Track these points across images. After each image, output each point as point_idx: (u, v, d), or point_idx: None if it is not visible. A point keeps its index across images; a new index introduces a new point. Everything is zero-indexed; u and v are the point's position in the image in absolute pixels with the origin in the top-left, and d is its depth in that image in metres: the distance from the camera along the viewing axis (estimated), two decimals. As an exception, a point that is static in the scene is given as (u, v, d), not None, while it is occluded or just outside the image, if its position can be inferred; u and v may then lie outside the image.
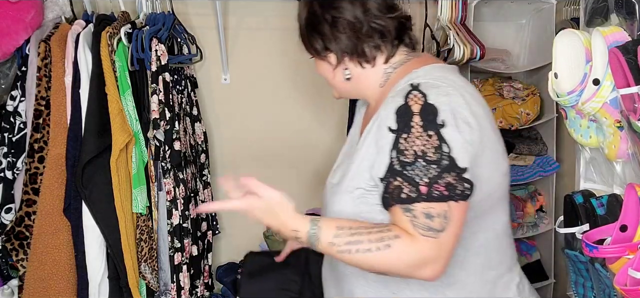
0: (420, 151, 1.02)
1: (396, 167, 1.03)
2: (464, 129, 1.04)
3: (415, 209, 1.01)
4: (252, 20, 2.42)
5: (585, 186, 1.47)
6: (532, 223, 2.54)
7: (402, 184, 1.02)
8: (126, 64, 1.86)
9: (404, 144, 1.03)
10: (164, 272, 1.95)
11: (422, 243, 1.00)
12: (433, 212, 1.00)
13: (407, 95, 1.07)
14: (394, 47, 1.20)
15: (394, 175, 1.03)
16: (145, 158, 1.89)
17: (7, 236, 1.83)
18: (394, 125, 1.05)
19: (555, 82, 1.35)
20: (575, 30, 1.34)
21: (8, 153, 1.88)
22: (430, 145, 1.01)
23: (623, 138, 1.24)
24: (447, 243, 1.02)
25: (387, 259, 1.01)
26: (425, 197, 1.00)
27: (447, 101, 1.05)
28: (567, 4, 2.41)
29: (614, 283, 1.16)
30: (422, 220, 1.00)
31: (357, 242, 1.02)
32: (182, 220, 1.90)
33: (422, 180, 1.01)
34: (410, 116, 1.04)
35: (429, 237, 1.00)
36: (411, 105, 1.05)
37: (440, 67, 1.18)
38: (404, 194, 1.02)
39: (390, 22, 1.18)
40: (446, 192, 1.00)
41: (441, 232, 1.00)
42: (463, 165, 1.02)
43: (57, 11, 1.98)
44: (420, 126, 1.03)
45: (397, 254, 1.01)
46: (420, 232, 1.00)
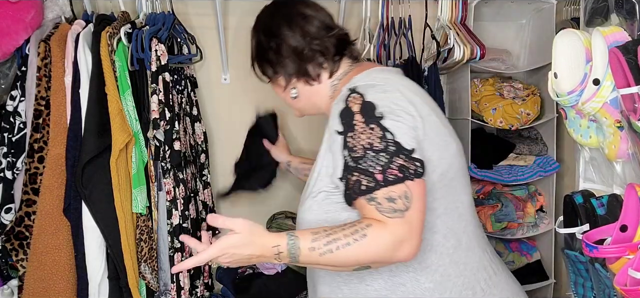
0: (367, 144, 1.10)
1: (350, 164, 1.12)
2: (403, 117, 1.14)
3: (377, 197, 1.08)
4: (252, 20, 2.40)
5: (585, 186, 1.47)
6: (532, 223, 2.54)
7: (359, 178, 1.10)
8: (126, 64, 1.86)
9: (352, 142, 1.12)
10: (164, 272, 1.95)
11: (393, 225, 1.07)
12: (394, 194, 1.08)
13: (347, 98, 1.17)
14: (336, 63, 1.33)
15: (350, 171, 1.12)
16: (145, 158, 1.89)
17: (7, 236, 1.83)
18: (340, 128, 1.15)
19: (555, 82, 1.35)
20: (575, 30, 1.34)
21: (8, 154, 1.88)
22: (375, 136, 1.10)
23: (623, 138, 1.24)
24: (415, 220, 1.09)
25: (367, 248, 1.07)
26: (383, 183, 1.08)
27: (384, 97, 1.16)
28: (567, 4, 2.41)
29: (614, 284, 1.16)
30: (386, 205, 1.08)
31: (335, 240, 1.08)
32: (182, 220, 1.90)
33: (376, 169, 1.09)
34: (352, 116, 1.14)
35: (396, 218, 1.07)
36: (351, 106, 1.15)
37: (379, 70, 1.30)
38: (363, 186, 1.09)
39: (329, 41, 1.32)
40: (400, 174, 1.09)
41: (406, 211, 1.08)
42: (409, 146, 1.11)
43: (57, 11, 1.98)
44: (362, 122, 1.12)
45: (374, 240, 1.07)
46: (388, 216, 1.07)
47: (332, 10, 2.40)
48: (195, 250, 1.14)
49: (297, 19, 1.32)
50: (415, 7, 2.28)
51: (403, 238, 1.07)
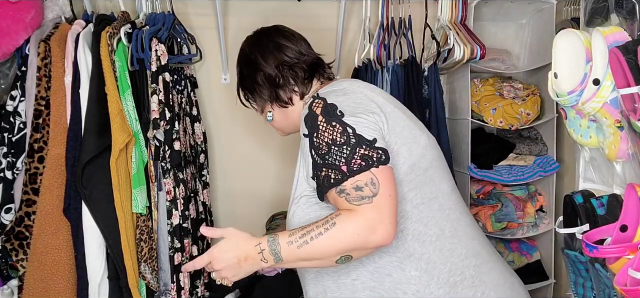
0: (330, 140, 1.18)
1: (318, 161, 1.19)
2: (362, 114, 1.21)
3: (346, 187, 1.15)
4: (252, 20, 2.41)
5: (585, 186, 1.47)
6: (532, 223, 2.54)
7: (327, 172, 1.17)
8: (126, 64, 1.86)
9: (317, 141, 1.19)
10: (164, 272, 1.95)
11: (361, 211, 1.13)
12: (361, 183, 1.14)
13: (311, 104, 1.25)
14: (306, 85, 1.45)
15: (319, 168, 1.19)
16: (145, 158, 1.89)
17: (7, 236, 1.83)
18: (306, 131, 1.23)
19: (555, 82, 1.35)
20: (575, 30, 1.34)
21: (8, 154, 1.88)
22: (337, 132, 1.18)
23: (623, 138, 1.24)
24: (384, 204, 1.13)
25: (338, 234, 1.13)
26: (348, 174, 1.15)
27: (344, 98, 1.24)
28: (567, 4, 2.41)
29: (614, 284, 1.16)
30: (354, 194, 1.14)
31: (309, 232, 1.16)
32: (182, 220, 1.90)
33: (341, 161, 1.16)
34: (316, 117, 1.21)
35: (365, 204, 1.13)
36: (315, 109, 1.23)
37: (343, 80, 1.39)
38: (332, 179, 1.16)
39: (299, 66, 1.44)
40: (363, 162, 1.15)
41: (374, 197, 1.13)
42: (370, 137, 1.18)
43: (57, 11, 1.98)
44: (324, 122, 1.20)
45: (344, 227, 1.13)
46: (356, 204, 1.13)
47: (332, 10, 2.43)
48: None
49: (271, 48, 1.45)
50: (415, 7, 2.28)
51: (374, 222, 1.12)
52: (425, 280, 1.22)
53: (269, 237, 1.20)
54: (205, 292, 2.19)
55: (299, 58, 1.45)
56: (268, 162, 2.51)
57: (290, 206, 1.32)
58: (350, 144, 1.16)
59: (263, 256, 1.19)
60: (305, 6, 2.40)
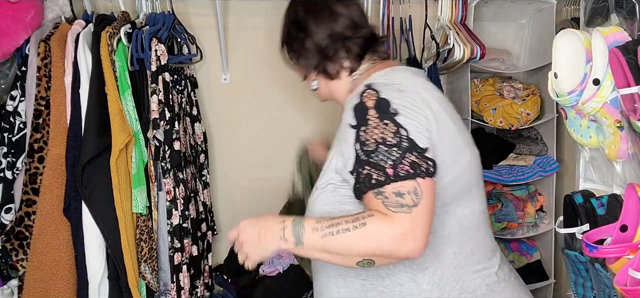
0: (380, 138, 1.09)
1: (362, 157, 1.11)
2: (417, 117, 1.12)
3: (386, 191, 1.07)
4: (252, 20, 2.42)
5: (585, 186, 1.46)
6: (532, 223, 2.54)
7: (370, 171, 1.09)
8: (126, 64, 1.86)
9: (364, 135, 1.11)
10: (164, 272, 1.95)
11: (396, 219, 1.06)
12: (403, 190, 1.07)
13: (362, 94, 1.16)
14: (358, 61, 1.33)
15: (362, 165, 1.11)
16: (145, 158, 1.89)
17: (7, 236, 1.83)
18: (353, 122, 1.14)
19: (555, 82, 1.35)
20: (575, 30, 1.34)
21: (8, 154, 1.88)
22: (388, 131, 1.09)
23: (623, 138, 1.24)
24: (422, 216, 1.07)
25: (366, 236, 1.07)
26: (393, 178, 1.07)
27: (399, 95, 1.15)
28: (567, 4, 2.41)
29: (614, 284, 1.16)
30: (393, 199, 1.07)
31: (337, 224, 1.09)
32: (182, 220, 1.90)
33: (387, 164, 1.08)
34: (366, 111, 1.13)
35: (402, 213, 1.06)
36: (366, 101, 1.14)
37: (399, 69, 1.29)
38: (373, 180, 1.08)
39: (354, 42, 1.32)
40: (411, 169, 1.07)
41: (414, 207, 1.06)
42: (423, 145, 1.10)
43: (57, 11, 1.98)
44: (376, 117, 1.11)
45: (374, 230, 1.07)
46: (393, 210, 1.06)
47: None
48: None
49: (325, 15, 1.32)
50: (415, 7, 2.28)
51: (406, 233, 1.05)
52: (436, 295, 1.19)
53: (295, 218, 1.14)
54: (205, 292, 2.19)
55: (353, 30, 1.32)
56: (268, 161, 2.51)
57: (313, 190, 1.26)
58: (401, 147, 1.08)
59: (284, 234, 1.13)
60: (305, 6, 2.39)
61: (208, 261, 2.26)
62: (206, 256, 2.24)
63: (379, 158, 1.09)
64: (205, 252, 2.22)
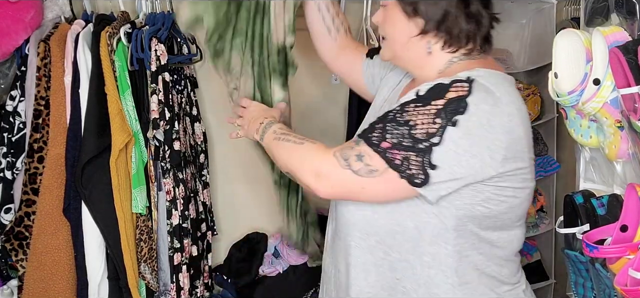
0: (414, 123, 1.05)
1: (388, 117, 1.09)
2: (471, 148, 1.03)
3: (358, 147, 1.10)
4: (252, 20, 2.41)
5: (585, 186, 1.46)
6: (533, 223, 2.54)
7: (376, 129, 1.09)
8: (126, 64, 1.85)
9: (411, 109, 1.06)
10: (164, 272, 1.95)
11: (328, 159, 1.13)
12: (366, 159, 1.08)
13: (457, 81, 1.06)
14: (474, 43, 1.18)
15: (380, 121, 1.10)
16: (145, 158, 1.88)
17: (7, 236, 1.83)
18: (422, 93, 1.08)
19: (556, 82, 1.35)
20: (575, 30, 1.34)
21: (7, 154, 1.88)
22: (426, 127, 1.04)
23: (623, 138, 1.24)
24: (350, 181, 1.10)
25: (296, 152, 1.20)
26: (378, 151, 1.07)
27: (488, 110, 1.05)
28: (568, 4, 2.41)
29: (614, 284, 1.16)
30: (349, 154, 1.10)
31: (288, 135, 1.26)
32: (181, 220, 1.90)
33: (391, 140, 1.06)
34: (439, 97, 1.05)
35: (340, 162, 1.11)
36: (451, 90, 1.05)
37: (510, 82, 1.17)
38: (369, 135, 1.09)
39: (486, 18, 1.18)
40: (397, 162, 1.05)
41: (354, 172, 1.09)
42: (436, 162, 1.03)
43: (57, 11, 1.97)
44: (436, 110, 1.04)
45: (303, 151, 1.19)
46: (336, 154, 1.12)
47: (332, 10, 2.42)
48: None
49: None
50: (415, 7, 2.28)
51: (323, 174, 1.14)
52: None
53: (271, 120, 1.34)
54: (204, 292, 2.19)
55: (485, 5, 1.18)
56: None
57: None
58: (416, 145, 1.04)
59: (258, 128, 1.34)
60: (305, 6, 2.39)
61: (208, 261, 2.25)
62: (206, 256, 2.24)
63: (392, 130, 1.06)
64: (205, 252, 2.22)
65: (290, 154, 1.22)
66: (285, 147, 1.24)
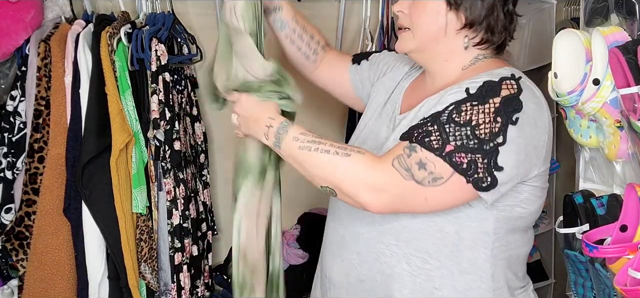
0: (476, 122, 0.99)
1: (442, 118, 1.02)
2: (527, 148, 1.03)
3: (417, 154, 1.00)
4: (252, 20, 2.41)
5: (585, 186, 1.46)
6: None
7: (433, 132, 1.01)
8: (126, 64, 1.86)
9: (467, 109, 1.01)
10: (164, 272, 1.95)
11: (386, 171, 1.01)
12: (429, 166, 0.99)
13: (505, 79, 1.05)
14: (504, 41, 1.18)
15: (434, 122, 1.02)
16: (145, 158, 1.89)
17: (7, 236, 1.83)
18: (473, 91, 1.04)
19: (555, 82, 1.35)
20: (575, 30, 1.34)
21: (8, 154, 1.88)
22: (489, 127, 0.99)
23: (623, 138, 1.24)
24: (413, 193, 1.01)
25: (341, 165, 1.03)
26: (442, 155, 0.99)
27: (534, 109, 1.05)
28: (567, 4, 2.41)
29: (614, 284, 1.16)
30: (409, 162, 1.00)
31: (320, 143, 1.05)
32: (182, 220, 1.90)
33: (454, 142, 0.99)
34: (494, 95, 1.02)
35: (400, 173, 1.00)
36: (503, 88, 1.03)
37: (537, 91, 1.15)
38: (428, 139, 1.00)
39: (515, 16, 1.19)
40: (464, 166, 0.99)
41: (416, 182, 1.00)
42: (502, 164, 1.00)
43: (57, 11, 1.98)
44: (495, 107, 1.01)
45: (352, 164, 1.02)
46: (395, 166, 1.00)
47: (332, 10, 2.42)
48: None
49: None
50: (415, 7, 2.28)
51: (383, 189, 1.01)
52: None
53: (284, 122, 1.12)
54: (205, 292, 2.19)
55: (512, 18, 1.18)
56: (268, 162, 2.51)
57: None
58: (483, 145, 0.99)
59: (267, 132, 1.12)
60: (305, 6, 2.38)
61: (208, 261, 2.26)
62: (206, 256, 2.24)
63: (453, 131, 1.00)
64: (205, 252, 2.22)
65: (333, 168, 1.04)
66: (322, 160, 1.05)
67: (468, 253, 1.12)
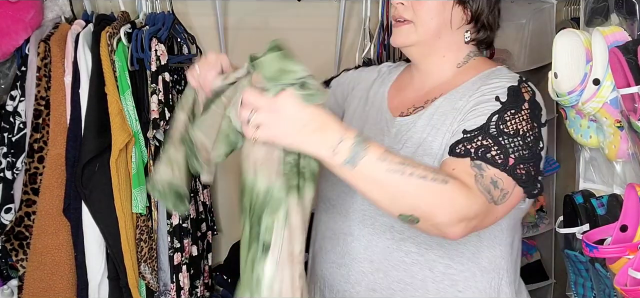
0: (522, 131, 1.02)
1: (491, 131, 1.01)
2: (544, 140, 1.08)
3: (487, 171, 0.97)
4: (252, 20, 2.42)
5: (585, 186, 1.46)
6: (532, 223, 2.54)
7: (491, 146, 1.00)
8: (126, 64, 1.86)
9: (510, 118, 1.03)
10: (164, 272, 1.95)
11: (477, 198, 0.95)
12: (500, 183, 0.98)
13: (521, 82, 1.08)
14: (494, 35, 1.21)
15: (486, 136, 1.01)
16: (145, 158, 1.89)
17: (7, 236, 1.83)
18: (504, 98, 1.05)
19: (555, 82, 1.35)
20: (575, 30, 1.34)
21: (8, 154, 1.88)
22: (532, 134, 1.03)
23: (623, 138, 1.24)
24: (492, 215, 0.99)
25: (440, 193, 0.91)
26: (507, 170, 0.98)
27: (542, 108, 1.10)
28: (567, 4, 2.41)
29: (614, 284, 1.16)
30: (486, 183, 0.97)
31: (412, 166, 0.91)
32: (181, 220, 1.90)
33: (514, 155, 1.00)
34: (523, 101, 1.05)
35: (486, 198, 0.96)
36: (523, 92, 1.07)
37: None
38: (489, 155, 0.99)
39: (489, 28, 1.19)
40: (524, 177, 1.00)
41: (495, 203, 0.97)
42: (542, 167, 1.06)
43: (57, 11, 1.98)
44: (528, 112, 1.04)
45: (452, 193, 0.92)
46: (479, 188, 0.96)
47: (332, 10, 2.42)
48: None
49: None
50: (415, 7, 2.28)
51: (472, 217, 0.94)
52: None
53: (359, 134, 0.89)
54: (204, 292, 2.19)
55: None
56: (268, 162, 2.51)
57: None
58: (533, 154, 1.02)
59: (338, 146, 0.87)
60: (305, 6, 2.39)
61: (208, 261, 2.26)
62: (206, 256, 2.24)
63: (509, 144, 1.00)
64: (205, 252, 2.22)
65: (431, 197, 0.92)
66: (416, 186, 0.90)
67: (487, 253, 1.12)
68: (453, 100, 1.11)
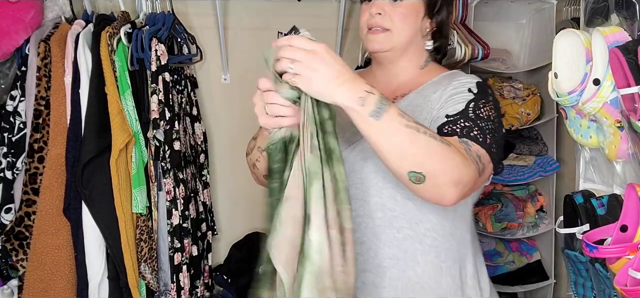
0: (492, 117, 1.16)
1: (470, 115, 1.14)
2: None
3: (473, 147, 1.09)
4: (252, 20, 2.42)
5: (585, 186, 1.46)
6: (533, 223, 2.54)
7: (472, 127, 1.12)
8: (126, 64, 1.86)
9: (483, 106, 1.16)
10: (164, 272, 1.95)
11: (471, 165, 1.06)
12: (483, 158, 1.10)
13: (484, 80, 1.25)
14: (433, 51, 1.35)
15: (466, 119, 1.13)
16: (145, 158, 1.89)
17: (7, 236, 1.83)
18: (475, 90, 1.19)
19: (556, 82, 1.35)
20: (575, 30, 1.33)
21: (8, 154, 1.88)
22: (498, 121, 1.18)
23: (623, 138, 1.24)
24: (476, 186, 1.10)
25: (446, 154, 1.01)
26: (485, 146, 1.11)
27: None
28: (567, 4, 2.41)
29: (614, 284, 1.16)
30: (474, 156, 1.08)
31: (424, 126, 1.01)
32: (182, 220, 1.90)
33: (488, 135, 1.13)
34: (489, 94, 1.20)
35: (477, 167, 1.08)
36: (487, 87, 1.22)
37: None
38: (472, 133, 1.11)
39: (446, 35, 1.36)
40: (495, 156, 1.14)
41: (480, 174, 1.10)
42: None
43: (57, 11, 1.98)
44: (493, 104, 1.19)
45: (454, 155, 1.02)
46: (471, 158, 1.07)
47: (332, 10, 2.42)
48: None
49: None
50: (415, 7, 2.28)
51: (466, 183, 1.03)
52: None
53: (383, 98, 0.98)
54: (205, 292, 2.19)
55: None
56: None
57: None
58: (500, 136, 1.17)
59: (365, 99, 0.96)
60: (305, 6, 2.39)
61: (208, 261, 2.26)
62: (206, 256, 2.24)
63: (486, 127, 1.13)
64: (205, 252, 2.22)
65: (438, 155, 1.00)
66: (426, 143, 0.99)
67: (459, 224, 1.25)
68: (425, 94, 1.24)
